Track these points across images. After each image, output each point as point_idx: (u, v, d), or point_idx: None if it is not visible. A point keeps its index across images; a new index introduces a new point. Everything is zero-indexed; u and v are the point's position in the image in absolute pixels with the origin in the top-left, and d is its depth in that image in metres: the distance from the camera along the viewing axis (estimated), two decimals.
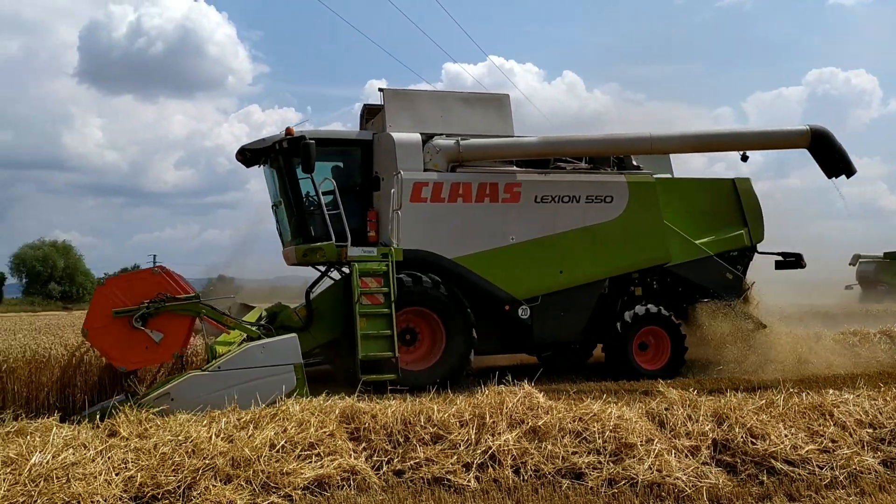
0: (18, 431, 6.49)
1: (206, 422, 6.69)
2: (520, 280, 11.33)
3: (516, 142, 11.55)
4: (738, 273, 12.51)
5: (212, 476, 5.70)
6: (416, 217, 10.87)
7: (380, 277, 10.18)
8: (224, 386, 7.87)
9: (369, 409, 6.96)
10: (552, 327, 11.55)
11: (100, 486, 5.40)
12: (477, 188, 11.20)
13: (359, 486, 5.91)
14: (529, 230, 11.39)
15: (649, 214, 11.94)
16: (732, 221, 12.69)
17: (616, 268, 11.94)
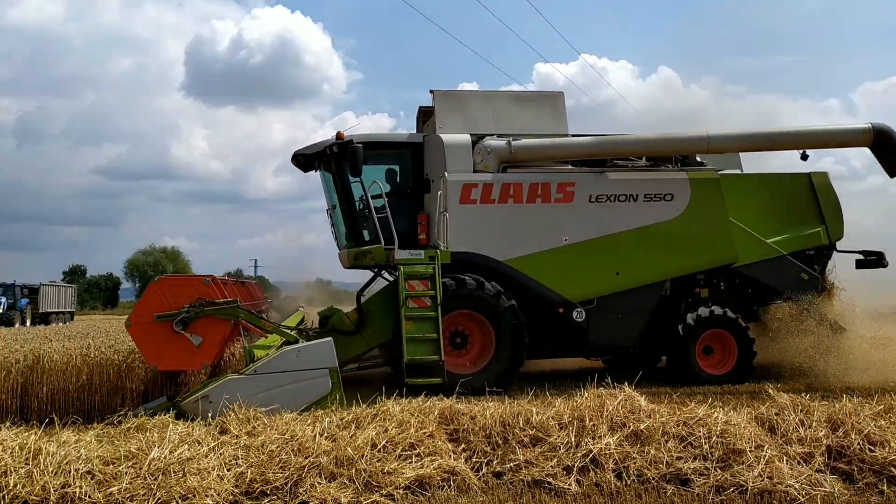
0: (138, 427, 6.86)
1: (310, 421, 6.89)
2: (574, 282, 11.08)
3: (569, 142, 11.31)
4: (814, 273, 11.79)
5: (316, 474, 5.86)
6: (466, 219, 10.77)
7: (426, 280, 10.16)
8: (260, 389, 7.95)
9: (468, 410, 6.99)
10: (609, 331, 11.25)
11: (213, 480, 5.65)
12: (528, 188, 10.99)
13: (459, 486, 5.94)
14: (584, 230, 11.11)
15: (713, 212, 11.46)
16: (808, 218, 11.98)
17: (677, 269, 11.50)
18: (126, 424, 7.15)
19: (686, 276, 11.56)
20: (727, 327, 11.21)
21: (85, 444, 6.16)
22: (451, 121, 11.20)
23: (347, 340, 10.58)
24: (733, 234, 11.46)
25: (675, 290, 11.60)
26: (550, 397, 7.82)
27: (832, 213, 11.99)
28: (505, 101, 11.65)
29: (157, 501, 5.37)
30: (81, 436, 6.52)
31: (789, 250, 11.75)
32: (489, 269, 10.73)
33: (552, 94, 11.88)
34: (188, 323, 8.42)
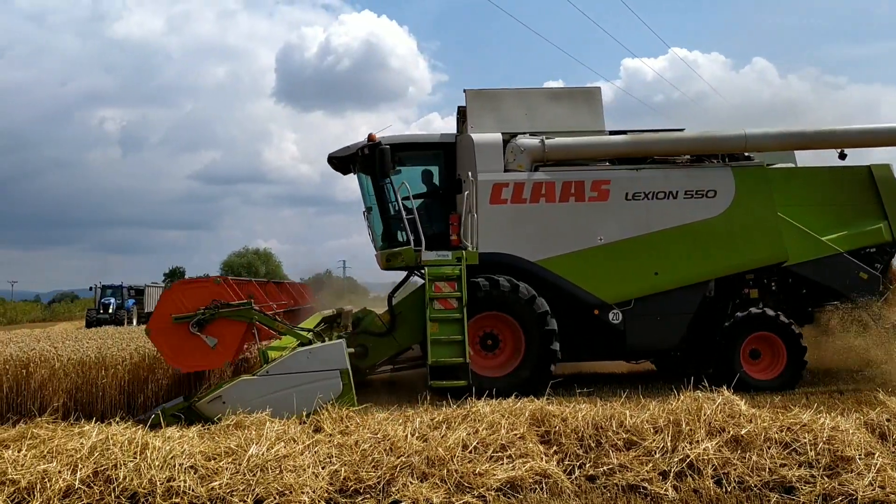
0: (236, 425, 7.08)
1: (401, 421, 6.95)
2: (610, 283, 10.70)
3: (605, 140, 11.02)
4: (874, 272, 11.00)
5: (409, 473, 5.91)
6: (497, 219, 10.60)
7: (453, 282, 10.06)
8: (273, 390, 8.01)
9: (559, 412, 6.90)
10: (647, 333, 10.80)
11: (308, 478, 5.77)
12: (561, 187, 10.70)
13: (551, 489, 5.87)
14: (620, 230, 10.72)
15: (760, 209, 10.86)
16: (869, 214, 11.19)
17: (721, 268, 10.94)
18: (225, 421, 7.41)
19: (732, 276, 11.02)
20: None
21: (188, 440, 6.40)
22: (484, 120, 11.08)
23: (379, 342, 10.67)
24: (783, 231, 10.88)
25: (720, 290, 11.10)
26: (643, 400, 7.66)
27: (895, 208, 11.23)
28: (539, 98, 11.41)
29: (255, 497, 5.53)
30: (184, 432, 6.78)
31: (847, 248, 11.03)
32: (520, 270, 10.55)
33: (589, 90, 11.54)
34: (204, 325, 8.57)
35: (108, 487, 5.53)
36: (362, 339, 10.70)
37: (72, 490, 5.49)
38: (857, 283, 10.84)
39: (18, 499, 5.41)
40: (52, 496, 5.39)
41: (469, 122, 11.10)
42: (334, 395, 8.12)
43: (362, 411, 7.72)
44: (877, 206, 11.19)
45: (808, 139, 11.22)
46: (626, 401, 7.38)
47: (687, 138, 11.12)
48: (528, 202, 10.65)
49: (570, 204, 10.68)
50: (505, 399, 7.40)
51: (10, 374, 9.48)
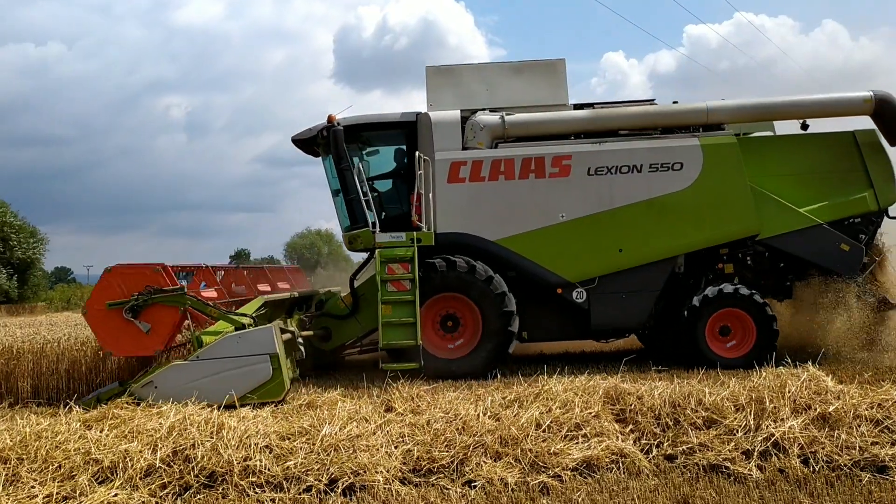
0: (309, 404, 7.15)
1: (472, 400, 6.89)
2: (572, 261, 10.34)
3: (566, 115, 10.67)
4: (857, 243, 10.39)
5: (482, 453, 5.84)
6: (455, 198, 10.33)
7: (406, 263, 9.83)
8: (203, 375, 7.95)
9: (634, 390, 6.73)
10: (612, 312, 10.44)
11: (382, 457, 5.75)
12: (521, 164, 10.36)
13: (628, 469, 5.72)
14: (582, 206, 10.33)
15: (730, 180, 10.36)
16: (854, 182, 10.53)
17: (690, 243, 10.48)
18: (297, 401, 7.48)
19: (704, 250, 10.58)
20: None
21: (262, 420, 6.49)
22: (443, 97, 10.81)
23: (342, 325, 10.59)
24: (756, 203, 10.38)
25: (692, 266, 10.71)
26: (722, 377, 7.42)
27: (881, 175, 10.52)
28: (500, 73, 11.07)
29: (330, 477, 5.54)
30: (258, 412, 6.87)
31: (828, 218, 10.44)
32: (480, 250, 10.30)
33: (551, 63, 11.09)
34: (138, 310, 8.52)
35: (187, 466, 5.63)
36: (325, 322, 10.74)
37: (153, 469, 5.60)
38: (838, 256, 10.32)
39: (102, 477, 5.55)
40: (134, 475, 5.51)
41: (429, 99, 10.89)
42: (264, 379, 8.04)
43: (432, 391, 7.68)
44: (862, 174, 10.54)
45: (770, 110, 10.81)
46: (703, 378, 7.14)
47: (648, 112, 10.76)
48: (486, 180, 10.38)
49: (530, 181, 10.39)
50: (578, 377, 7.25)
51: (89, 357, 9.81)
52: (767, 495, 5.19)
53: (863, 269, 10.38)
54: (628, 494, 5.26)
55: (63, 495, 5.28)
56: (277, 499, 5.33)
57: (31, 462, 5.59)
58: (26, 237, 38.41)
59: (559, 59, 11.10)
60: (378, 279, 9.81)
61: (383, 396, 7.42)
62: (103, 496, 5.24)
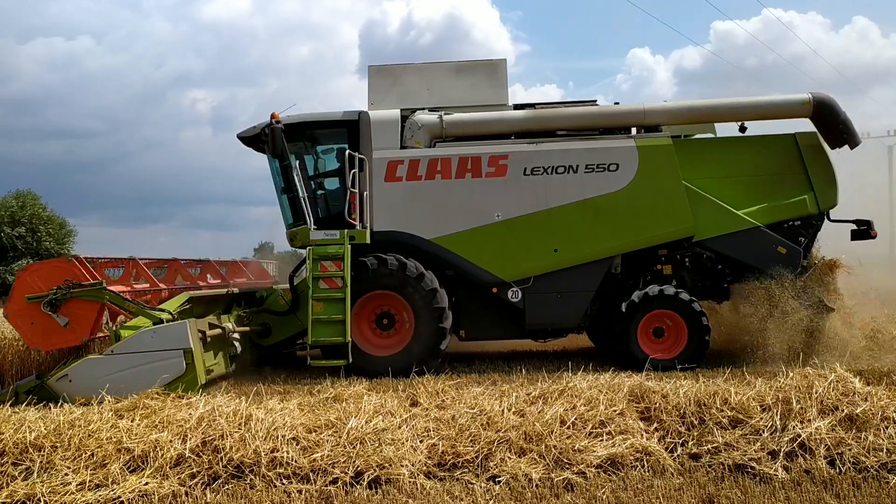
0: (335, 398, 7.22)
1: (497, 395, 6.93)
2: (507, 260, 10.38)
3: (503, 116, 10.71)
4: (794, 246, 10.36)
5: (506, 448, 5.87)
6: (392, 197, 10.43)
7: (338, 261, 9.87)
8: (118, 369, 8.02)
9: (659, 388, 6.73)
10: (547, 311, 10.48)
11: (407, 451, 5.81)
12: (457, 163, 10.41)
13: (653, 467, 5.72)
14: (517, 206, 10.38)
15: (665, 182, 10.34)
16: (794, 185, 10.48)
17: (624, 244, 10.49)
18: (323, 394, 7.56)
19: (642, 251, 10.59)
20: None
21: (289, 412, 6.56)
22: (384, 96, 10.88)
23: (282, 321, 10.67)
24: (693, 204, 10.35)
25: (631, 266, 10.72)
26: (748, 377, 7.38)
27: (822, 178, 10.47)
28: (441, 73, 11.10)
29: (356, 469, 5.60)
30: (285, 404, 6.95)
31: (767, 221, 10.42)
32: (416, 249, 10.38)
33: (492, 63, 11.13)
34: (57, 305, 8.55)
35: (215, 457, 5.72)
36: (265, 318, 10.86)
37: (182, 459, 5.70)
38: (775, 258, 10.26)
39: (133, 466, 5.66)
40: (164, 464, 5.62)
41: (370, 98, 10.95)
42: (177, 374, 8.17)
43: (457, 386, 7.72)
44: (802, 177, 10.49)
45: (708, 112, 10.79)
46: (729, 377, 7.11)
47: (585, 113, 10.76)
48: (423, 179, 10.44)
49: (466, 180, 10.44)
50: (602, 375, 7.26)
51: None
52: (793, 496, 5.17)
53: (803, 271, 10.34)
54: (653, 493, 5.27)
55: (96, 483, 5.40)
56: (304, 490, 5.40)
57: (65, 450, 5.73)
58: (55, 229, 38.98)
59: (500, 59, 11.14)
60: (309, 276, 9.89)
61: (408, 391, 7.48)
62: (134, 484, 5.36)
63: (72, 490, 5.27)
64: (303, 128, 10.79)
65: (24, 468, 5.55)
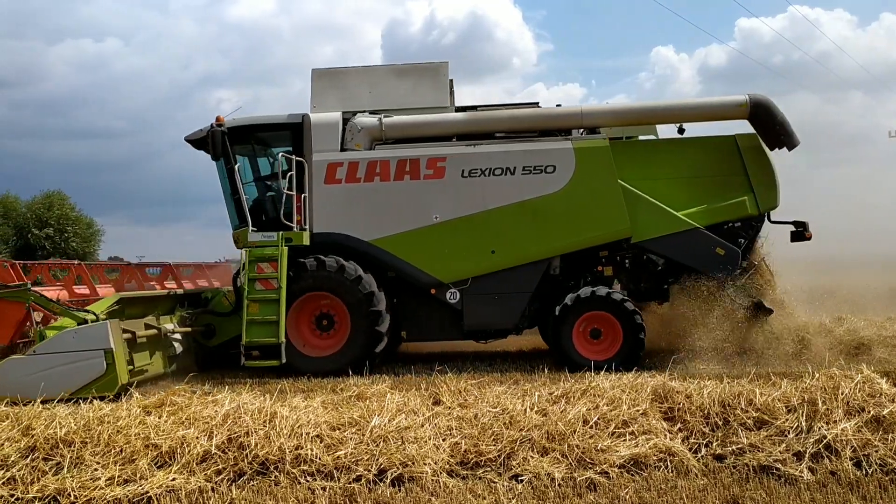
0: (358, 396, 7.26)
1: (519, 394, 6.94)
2: (445, 262, 10.47)
3: (441, 118, 10.79)
4: (732, 247, 10.31)
5: (528, 447, 5.88)
6: (332, 199, 10.54)
7: (275, 262, 9.97)
8: (40, 369, 8.10)
9: (683, 388, 6.70)
10: (485, 312, 10.53)
11: (430, 450, 5.83)
12: (396, 165, 10.53)
13: (676, 468, 5.70)
14: (455, 208, 10.46)
15: (602, 184, 10.36)
16: (734, 186, 10.47)
17: (562, 246, 10.53)
18: (346, 393, 7.61)
19: (581, 253, 10.63)
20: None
21: (313, 410, 6.62)
22: (327, 99, 10.96)
23: (226, 322, 10.74)
24: (632, 206, 10.36)
25: (571, 268, 10.75)
26: (773, 377, 7.33)
27: (762, 180, 10.46)
28: (383, 75, 11.21)
29: (379, 467, 5.64)
30: (309, 402, 7.01)
31: (706, 222, 10.39)
32: (355, 250, 10.48)
33: (435, 66, 11.19)
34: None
35: (241, 454, 5.79)
36: (209, 319, 10.95)
37: (208, 455, 5.77)
38: (713, 259, 10.23)
39: (161, 462, 5.75)
40: (191, 460, 5.70)
41: (312, 101, 11.03)
42: (98, 374, 8.25)
43: (479, 385, 7.74)
44: (743, 178, 10.48)
45: (645, 114, 10.87)
46: (754, 378, 7.07)
47: (523, 115, 10.80)
48: (362, 181, 10.53)
49: (404, 182, 10.53)
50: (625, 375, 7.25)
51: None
52: (819, 497, 5.14)
53: (743, 272, 10.32)
54: (676, 493, 5.25)
55: (124, 478, 5.49)
56: (328, 487, 5.45)
57: (95, 445, 5.82)
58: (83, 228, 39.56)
59: (442, 62, 11.22)
60: (246, 278, 10.02)
61: (431, 390, 7.51)
62: (162, 480, 5.45)
63: (101, 485, 5.37)
64: (248, 131, 10.93)
65: (55, 463, 5.65)
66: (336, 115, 10.77)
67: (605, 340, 10.17)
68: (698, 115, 10.82)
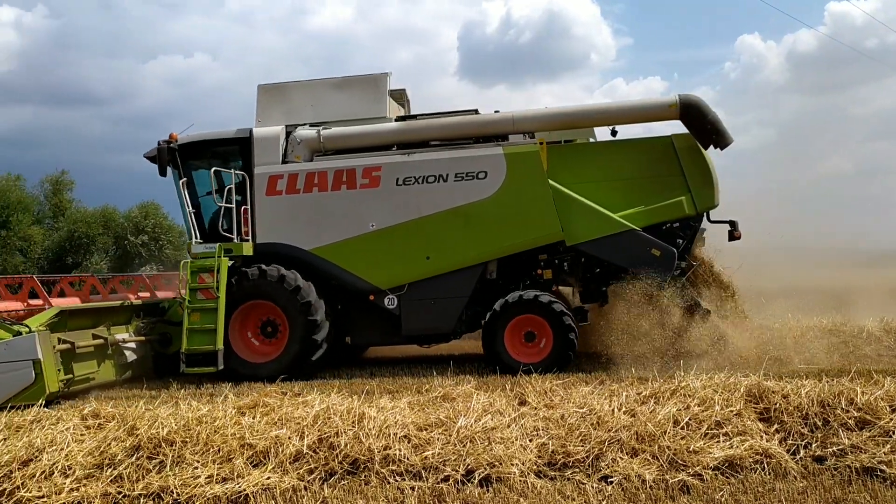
0: (443, 397, 7.32)
1: (606, 395, 6.84)
2: (382, 268, 10.68)
3: (374, 129, 10.99)
4: (669, 248, 10.13)
5: (617, 448, 5.80)
6: (273, 210, 10.83)
7: (214, 273, 10.26)
8: None
9: (779, 388, 6.47)
10: (422, 317, 10.67)
11: (517, 450, 5.83)
12: (333, 176, 10.77)
13: (774, 470, 5.51)
14: (391, 215, 10.66)
15: (532, 188, 10.41)
16: (671, 186, 10.32)
17: (494, 250, 10.59)
18: (432, 394, 7.67)
19: (519, 257, 10.64)
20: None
21: (399, 411, 6.70)
22: (271, 113, 11.26)
23: (181, 330, 10.71)
24: (566, 208, 10.34)
25: (510, 272, 10.77)
26: (875, 375, 6.99)
27: (698, 180, 10.32)
28: (324, 89, 11.41)
29: (466, 467, 5.67)
30: (396, 402, 7.10)
31: (643, 223, 10.26)
32: (296, 259, 10.70)
33: (373, 77, 11.38)
34: None
35: (331, 453, 5.92)
36: (165, 328, 11.22)
37: (300, 455, 5.93)
38: (649, 261, 10.09)
39: (256, 461, 5.94)
40: (284, 460, 5.86)
41: (257, 116, 11.35)
42: (26, 384, 8.69)
43: (565, 385, 7.68)
44: (680, 179, 10.34)
45: (576, 117, 10.79)
46: (855, 376, 6.76)
47: (455, 123, 10.89)
48: (301, 192, 10.78)
49: (341, 192, 10.74)
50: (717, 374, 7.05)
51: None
52: None
53: (682, 273, 10.27)
54: (774, 496, 5.09)
55: (222, 476, 5.69)
56: (417, 487, 5.51)
57: (194, 445, 6.05)
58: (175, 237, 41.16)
59: (382, 73, 11.39)
60: (187, 288, 10.36)
61: (516, 390, 7.50)
62: (258, 478, 5.62)
63: (201, 483, 5.58)
64: (200, 146, 11.24)
65: (158, 462, 5.90)
66: (278, 129, 11.12)
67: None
68: (629, 117, 10.81)
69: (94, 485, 5.65)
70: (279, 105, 11.43)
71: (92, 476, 5.78)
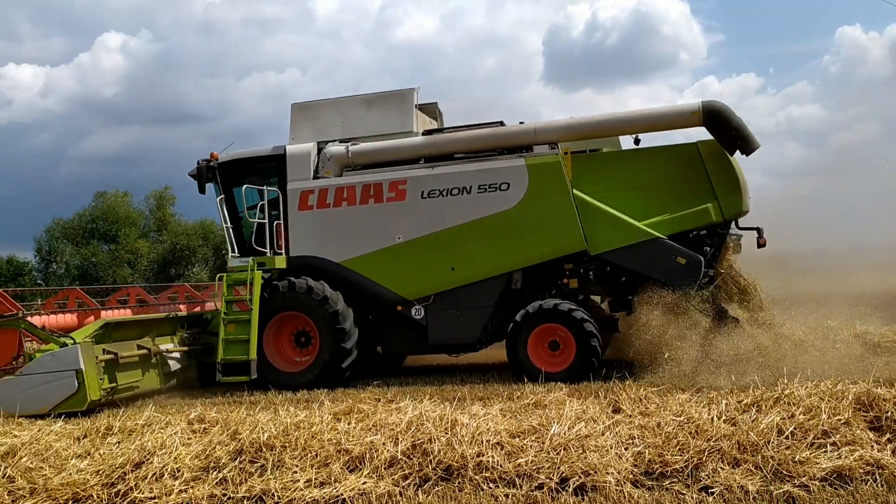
0: (535, 404, 7.29)
1: (704, 403, 6.66)
2: (409, 280, 10.86)
3: (400, 143, 11.15)
4: (695, 256, 9.87)
5: (718, 458, 5.63)
6: (305, 224, 11.16)
7: (249, 286, 10.60)
8: (25, 388, 9.10)
9: (891, 395, 6.15)
10: (448, 327, 10.80)
11: (612, 458, 5.74)
12: (361, 190, 11.03)
13: (887, 481, 5.23)
14: (416, 228, 10.83)
15: (555, 198, 10.39)
16: (697, 194, 10.12)
17: (517, 260, 10.63)
18: (522, 401, 7.65)
19: (545, 267, 10.63)
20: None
21: (492, 418, 6.72)
22: (303, 131, 11.58)
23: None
24: (589, 218, 10.29)
25: (536, 281, 10.74)
26: None
27: (725, 186, 10.09)
28: (354, 106, 11.68)
29: (560, 475, 5.61)
30: (488, 409, 7.12)
31: (669, 232, 10.08)
32: (327, 272, 10.96)
33: (401, 93, 11.59)
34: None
35: (425, 459, 5.98)
36: (208, 339, 11.49)
37: (395, 461, 6.02)
38: (674, 269, 9.91)
39: (352, 466, 6.06)
40: (380, 465, 5.96)
41: (291, 134, 11.69)
42: (70, 392, 9.10)
43: (660, 392, 7.51)
44: (706, 186, 10.13)
45: (598, 127, 10.73)
46: None
47: (478, 136, 10.97)
48: (331, 206, 11.08)
49: (369, 206, 11.00)
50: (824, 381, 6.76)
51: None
52: None
53: (709, 281, 10.00)
54: None
55: (320, 480, 5.84)
56: (510, 494, 5.50)
57: (293, 450, 6.24)
58: None
59: (409, 88, 11.60)
60: (223, 300, 10.75)
61: (610, 397, 7.38)
62: (354, 483, 5.74)
63: (300, 487, 5.74)
64: (239, 164, 11.61)
65: (259, 466, 6.11)
66: (310, 146, 11.41)
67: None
68: (652, 125, 10.67)
69: (201, 487, 5.90)
70: (311, 122, 11.80)
71: (199, 478, 6.03)
